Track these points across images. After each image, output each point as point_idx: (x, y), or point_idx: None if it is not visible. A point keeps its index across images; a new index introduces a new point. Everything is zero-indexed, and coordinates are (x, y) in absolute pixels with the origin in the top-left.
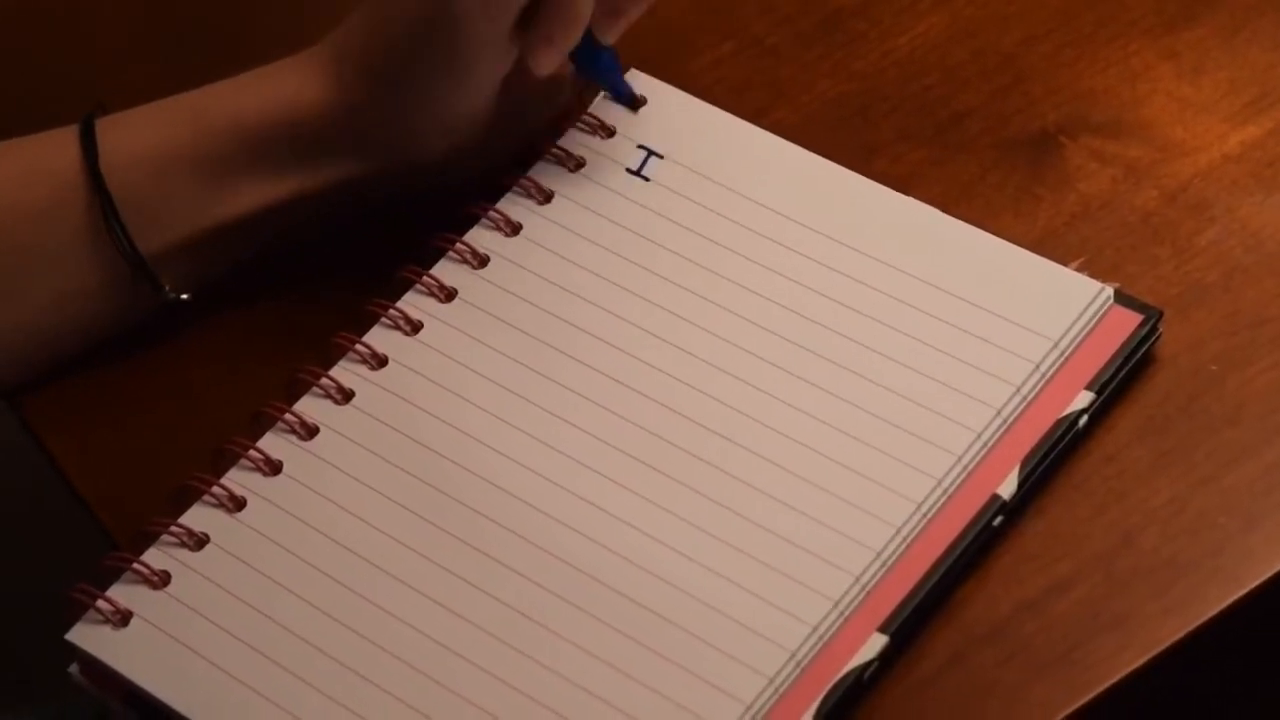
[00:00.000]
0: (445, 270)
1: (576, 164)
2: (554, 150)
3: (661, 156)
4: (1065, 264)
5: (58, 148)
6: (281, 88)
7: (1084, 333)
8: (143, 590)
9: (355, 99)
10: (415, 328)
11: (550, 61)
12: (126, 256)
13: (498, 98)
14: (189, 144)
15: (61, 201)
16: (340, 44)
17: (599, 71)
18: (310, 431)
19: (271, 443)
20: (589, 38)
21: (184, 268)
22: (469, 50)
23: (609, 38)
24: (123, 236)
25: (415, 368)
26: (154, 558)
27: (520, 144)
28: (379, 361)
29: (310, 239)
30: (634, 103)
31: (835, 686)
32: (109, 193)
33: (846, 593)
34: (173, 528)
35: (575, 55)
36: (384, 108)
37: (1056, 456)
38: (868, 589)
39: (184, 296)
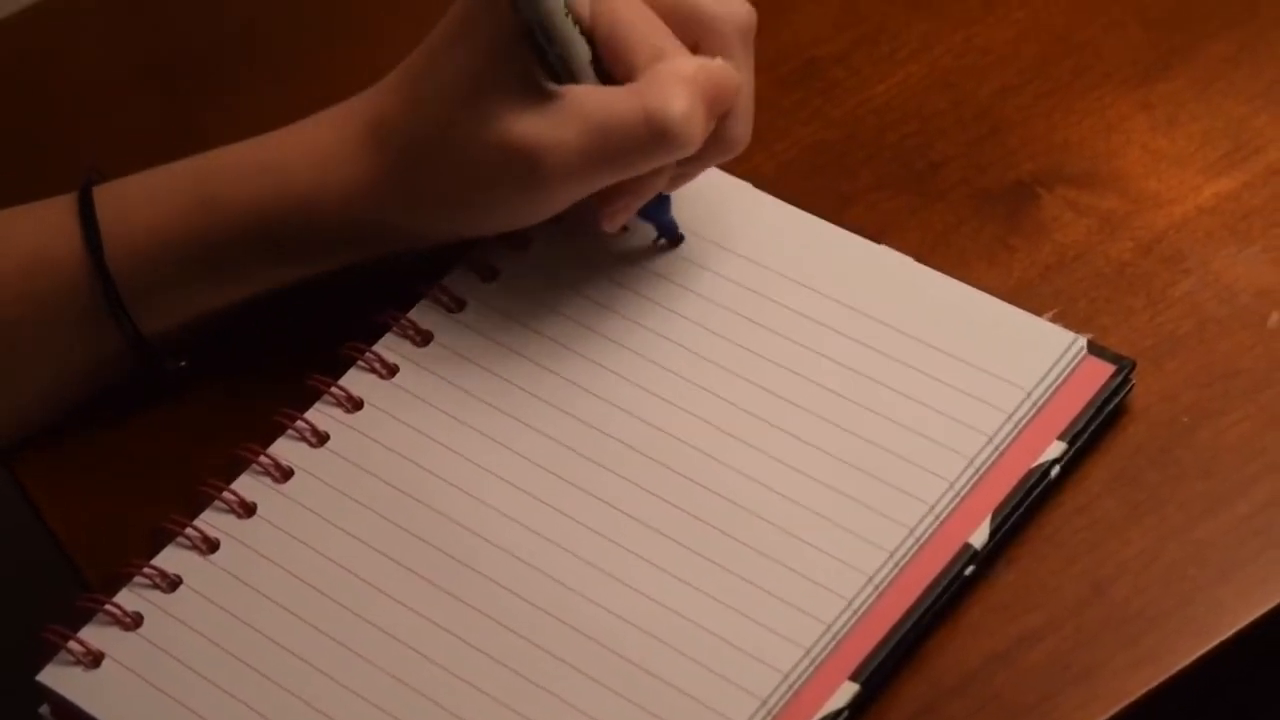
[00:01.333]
0: (422, 314)
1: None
2: None
3: None
4: (1039, 314)
5: (58, 235)
6: (300, 180)
7: (1057, 383)
8: (115, 632)
9: (389, 206)
10: (391, 371)
11: (621, 223)
12: (130, 340)
13: None
14: (198, 235)
15: (64, 292)
16: (378, 138)
17: (653, 213)
18: (285, 474)
19: (246, 485)
20: None
21: (182, 339)
22: (543, 207)
23: (672, 190)
24: (128, 324)
25: (390, 411)
26: (126, 599)
27: None
28: (354, 404)
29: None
30: (676, 241)
31: None
32: (115, 286)
33: (818, 641)
34: (145, 569)
35: None
36: (422, 221)
37: (1028, 507)
38: (839, 637)
39: (182, 364)
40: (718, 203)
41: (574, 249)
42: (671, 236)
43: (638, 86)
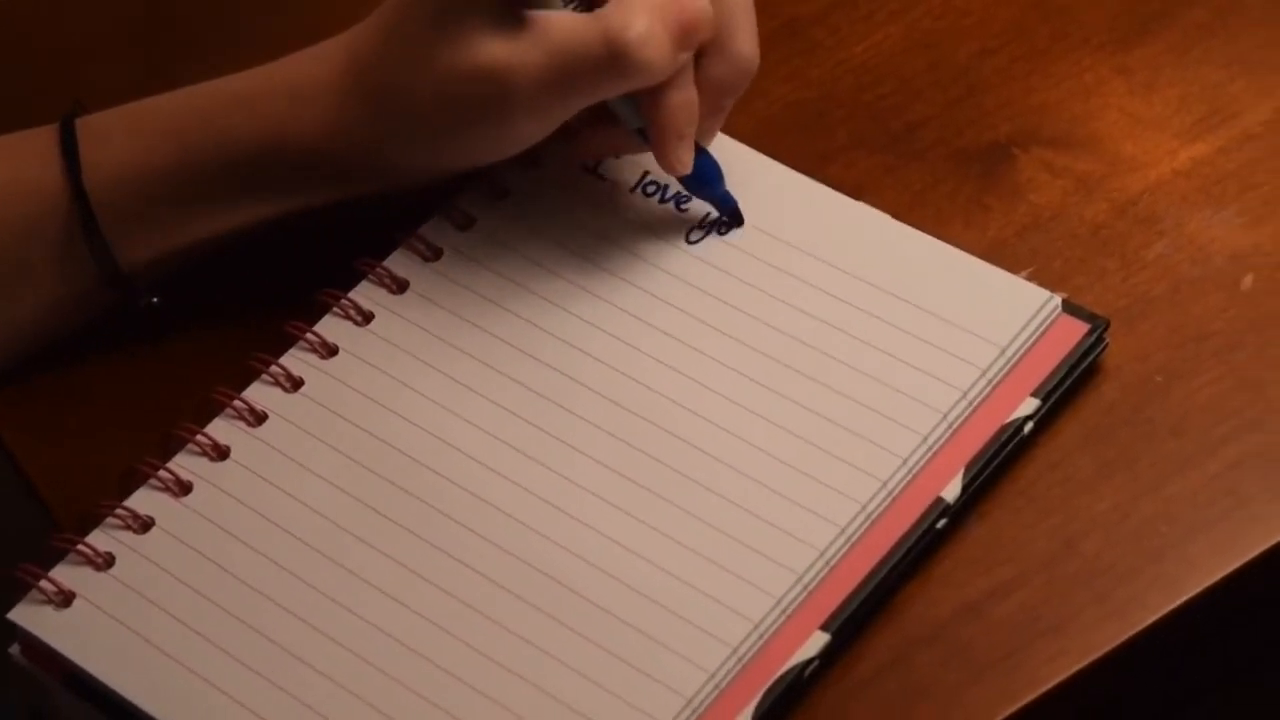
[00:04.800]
0: (398, 262)
1: (531, 160)
2: None
3: (617, 156)
4: (1015, 273)
5: (38, 161)
6: (275, 110)
7: (1031, 340)
8: (86, 572)
9: (363, 137)
10: (366, 318)
11: (687, 158)
12: (106, 271)
13: None
14: (174, 167)
15: (42, 217)
16: (354, 70)
17: (705, 184)
18: (259, 418)
19: (220, 428)
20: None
21: (156, 274)
22: (513, 134)
23: (710, 138)
24: (104, 251)
25: (365, 357)
26: (99, 539)
27: None
28: (329, 350)
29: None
30: (739, 218)
31: (776, 683)
32: (93, 213)
33: (789, 591)
34: (118, 510)
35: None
36: (395, 151)
37: (1001, 462)
38: (810, 588)
39: (155, 300)
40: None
41: (552, 200)
42: (727, 208)
43: (603, 10)
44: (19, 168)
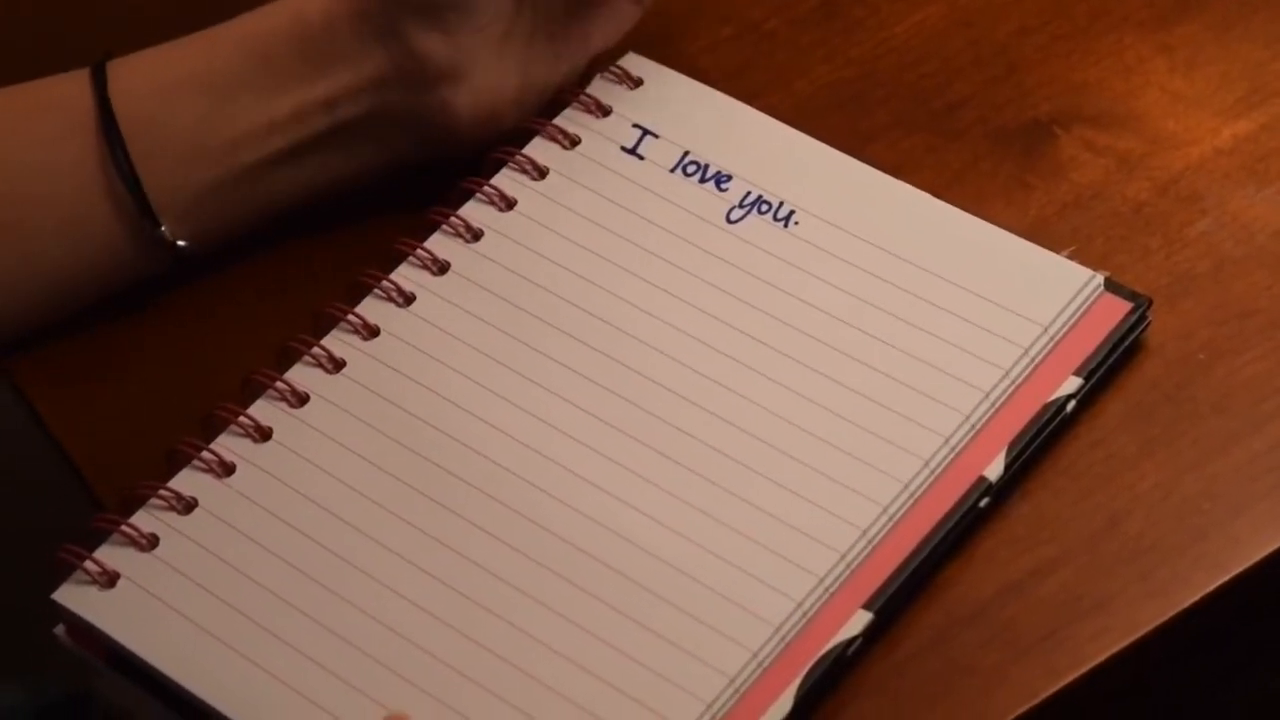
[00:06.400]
0: (439, 243)
1: (571, 141)
2: (550, 128)
3: (656, 136)
4: (1056, 252)
5: (69, 80)
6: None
7: (1074, 319)
8: (130, 552)
9: (376, 9)
10: (408, 299)
11: None
12: (127, 183)
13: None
14: (195, 64)
15: (67, 129)
16: None
17: None
18: (301, 399)
19: (262, 410)
20: None
21: (188, 217)
22: None
23: None
24: (124, 159)
25: (407, 339)
26: (142, 520)
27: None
28: (371, 332)
29: (310, 205)
30: None
31: (819, 662)
32: (113, 113)
33: (832, 570)
34: (162, 491)
35: None
36: (400, 29)
37: (1044, 440)
38: (852, 567)
39: (181, 243)
40: (739, 136)
41: (590, 180)
42: None
43: None
44: (49, 90)
